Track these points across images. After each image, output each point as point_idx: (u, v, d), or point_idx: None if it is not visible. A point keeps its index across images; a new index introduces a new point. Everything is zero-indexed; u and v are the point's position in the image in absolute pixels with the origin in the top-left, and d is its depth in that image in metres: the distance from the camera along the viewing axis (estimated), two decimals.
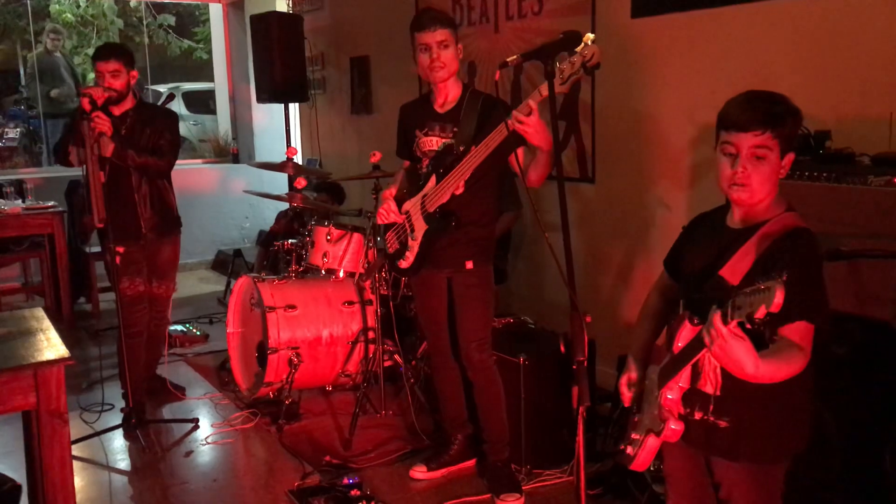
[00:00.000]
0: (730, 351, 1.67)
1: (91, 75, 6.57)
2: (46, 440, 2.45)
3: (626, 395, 2.08)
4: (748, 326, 1.62)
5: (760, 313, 1.54)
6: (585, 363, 1.85)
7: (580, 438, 1.83)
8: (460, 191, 3.02)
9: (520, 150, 2.94)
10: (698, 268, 2.00)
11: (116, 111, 3.84)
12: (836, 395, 2.69)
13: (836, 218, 2.67)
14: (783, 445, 1.98)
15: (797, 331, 1.79)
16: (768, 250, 1.86)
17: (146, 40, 11.37)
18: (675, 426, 1.91)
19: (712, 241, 2.01)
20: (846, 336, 2.66)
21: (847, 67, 3.01)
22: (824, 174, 2.73)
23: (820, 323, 1.81)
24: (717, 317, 1.66)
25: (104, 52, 3.86)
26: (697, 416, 1.95)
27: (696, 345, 1.82)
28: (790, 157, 1.89)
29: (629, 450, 2.04)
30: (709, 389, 1.92)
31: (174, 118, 4.15)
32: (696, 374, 1.96)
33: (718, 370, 1.90)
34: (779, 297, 1.50)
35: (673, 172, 3.80)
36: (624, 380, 2.09)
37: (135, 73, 3.98)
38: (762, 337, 1.80)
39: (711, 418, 1.92)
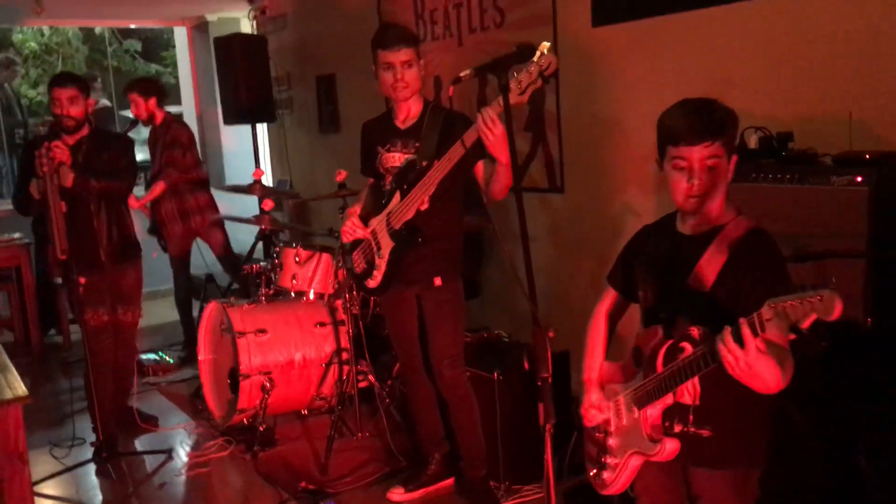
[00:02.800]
0: (757, 368, 1.64)
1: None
2: (6, 482, 2.39)
3: (595, 417, 2.05)
4: (791, 337, 1.56)
5: (808, 322, 1.49)
6: (550, 379, 1.82)
7: (548, 456, 1.79)
8: (425, 206, 2.99)
9: (479, 165, 2.92)
10: (658, 280, 1.98)
11: (71, 140, 3.77)
12: (809, 395, 2.68)
13: (801, 219, 2.66)
14: (759, 447, 1.97)
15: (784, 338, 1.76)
16: (734, 253, 1.85)
17: (112, 65, 11.27)
18: (671, 445, 1.88)
19: (668, 252, 1.98)
20: (817, 337, 2.65)
21: (806, 68, 3.01)
22: (788, 175, 2.72)
23: None
24: (746, 329, 1.60)
25: (62, 79, 3.82)
26: (677, 428, 1.93)
27: (700, 362, 1.77)
28: (734, 159, 1.90)
29: (605, 475, 1.99)
30: (687, 400, 1.90)
31: (129, 142, 4.11)
32: None
33: (696, 379, 1.87)
34: (839, 308, 1.46)
35: (640, 178, 3.78)
36: (587, 405, 2.06)
37: (91, 101, 3.94)
38: None
39: (692, 429, 1.91)
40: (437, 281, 3.14)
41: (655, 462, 1.96)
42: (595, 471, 2.07)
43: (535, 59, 2.26)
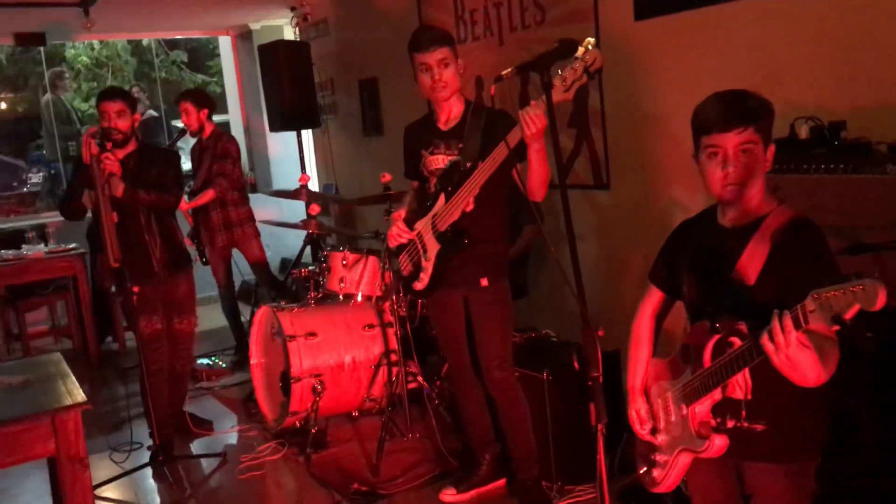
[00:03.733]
0: (798, 360, 1.63)
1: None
2: (68, 485, 2.45)
3: (643, 428, 2.03)
4: (836, 328, 1.53)
5: (851, 313, 1.47)
6: (601, 379, 1.80)
7: (601, 457, 1.77)
8: (470, 207, 2.98)
9: (521, 167, 2.91)
10: (703, 274, 1.95)
11: (120, 154, 3.86)
12: (868, 389, 2.61)
13: (855, 210, 2.59)
14: (816, 439, 1.94)
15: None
16: (779, 244, 1.82)
17: (160, 76, 11.50)
18: (719, 441, 1.85)
19: (710, 246, 1.95)
20: (875, 330, 2.58)
21: (858, 56, 2.93)
22: (841, 165, 2.65)
23: None
24: (788, 321, 1.58)
25: (110, 93, 3.91)
26: (730, 424, 1.90)
27: (746, 356, 1.75)
28: (772, 149, 1.87)
29: (655, 473, 1.97)
30: (738, 395, 1.87)
31: (176, 156, 4.20)
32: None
33: (747, 373, 1.85)
34: (882, 297, 1.43)
35: (687, 173, 3.71)
36: (633, 415, 2.04)
37: (137, 115, 4.04)
38: None
39: (746, 424, 1.88)
40: (484, 282, 3.13)
41: (707, 459, 1.94)
42: (645, 468, 2.05)
43: (579, 55, 2.24)
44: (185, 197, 5.17)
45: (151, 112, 7.86)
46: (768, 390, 1.82)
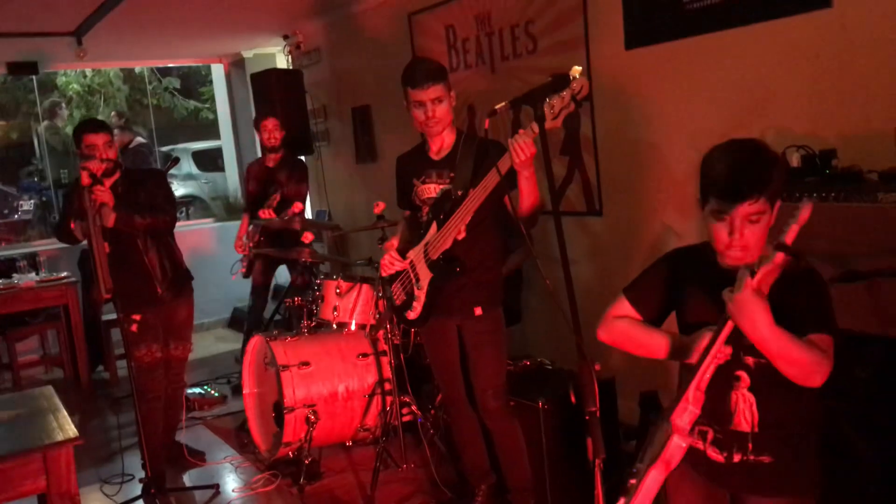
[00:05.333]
0: (749, 306, 1.68)
1: None
2: None
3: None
4: (782, 256, 1.63)
5: (791, 236, 1.61)
6: (598, 413, 1.79)
7: (598, 493, 1.76)
8: (462, 235, 2.98)
9: (514, 193, 2.91)
10: (704, 311, 1.93)
11: (108, 182, 3.84)
12: (864, 418, 2.61)
13: (847, 238, 2.61)
14: (817, 474, 1.93)
15: (821, 341, 1.77)
16: (775, 284, 1.80)
17: (152, 103, 11.53)
18: (679, 440, 1.82)
19: (710, 283, 1.93)
20: (868, 358, 2.59)
21: (849, 85, 2.96)
22: (832, 194, 2.67)
23: (838, 339, 1.81)
24: (746, 274, 1.69)
25: (94, 125, 3.87)
26: (737, 458, 1.91)
27: (718, 328, 1.80)
28: (778, 204, 1.83)
29: (621, 502, 1.93)
30: (745, 427, 1.89)
31: (162, 175, 4.17)
32: (724, 417, 1.91)
33: (755, 406, 1.87)
34: (805, 212, 1.59)
35: (679, 199, 3.74)
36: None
37: (117, 143, 4.03)
38: None
39: (752, 457, 1.89)
40: (478, 310, 3.12)
41: (702, 496, 1.92)
42: (622, 500, 2.02)
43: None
44: (273, 211, 5.11)
45: (140, 139, 7.86)
46: (773, 424, 1.84)
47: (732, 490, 1.97)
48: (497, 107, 2.16)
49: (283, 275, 5.98)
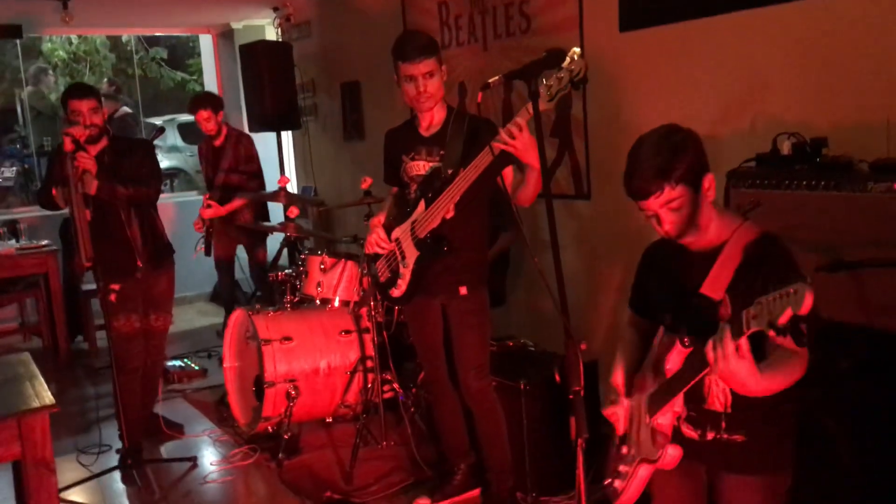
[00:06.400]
0: (735, 370, 1.65)
1: None
2: (33, 490, 2.39)
3: (621, 421, 2.01)
4: (770, 334, 1.57)
5: (785, 318, 1.50)
6: (582, 392, 1.78)
7: (580, 472, 1.76)
8: (450, 214, 2.96)
9: (508, 170, 2.89)
10: (673, 291, 1.95)
11: (93, 150, 3.78)
12: (846, 409, 2.62)
13: (835, 227, 2.60)
14: (789, 452, 1.96)
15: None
16: (744, 260, 1.84)
17: (138, 73, 11.38)
18: (672, 451, 1.86)
19: (680, 265, 1.96)
20: (852, 349, 2.59)
21: (842, 73, 2.95)
22: (822, 182, 2.66)
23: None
24: (727, 335, 1.63)
25: (80, 91, 3.80)
26: (710, 436, 1.92)
27: (696, 366, 1.79)
28: (709, 179, 1.85)
29: (617, 483, 1.97)
30: (718, 407, 1.90)
31: (150, 146, 4.12)
32: (698, 397, 1.91)
33: (728, 388, 1.88)
34: (808, 300, 1.46)
35: None
36: (612, 410, 2.03)
37: (106, 109, 3.96)
38: (761, 346, 1.75)
39: (725, 436, 1.90)
40: (463, 290, 3.11)
41: (678, 474, 1.93)
42: (609, 480, 2.05)
43: (564, 65, 2.22)
44: (211, 200, 5.18)
45: (126, 109, 7.75)
46: (745, 402, 1.83)
47: (707, 466, 1.99)
48: (491, 80, 2.13)
49: (269, 249, 5.93)
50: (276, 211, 6.09)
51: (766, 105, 3.19)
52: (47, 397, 2.42)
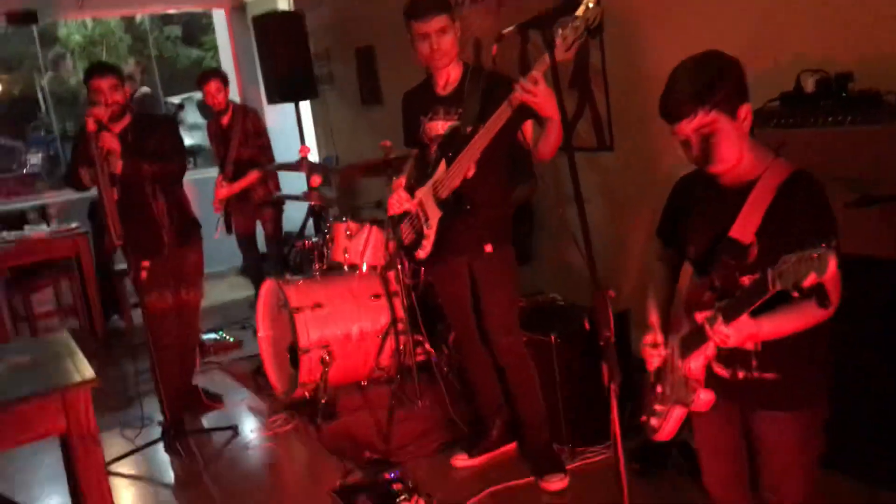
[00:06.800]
0: (734, 342, 1.75)
1: None
2: (80, 462, 2.46)
3: (654, 358, 2.01)
4: (794, 295, 1.57)
5: (809, 282, 1.50)
6: (612, 339, 1.78)
7: (614, 417, 1.77)
8: (471, 173, 2.95)
9: (527, 125, 2.87)
10: (704, 233, 1.94)
11: (116, 128, 3.81)
12: (878, 343, 2.60)
13: (864, 162, 2.56)
14: (823, 387, 1.95)
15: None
16: (775, 202, 1.81)
17: (154, 52, 11.39)
18: (704, 396, 1.87)
19: (711, 204, 1.94)
20: (883, 282, 2.56)
21: (864, 5, 2.87)
22: (849, 118, 2.62)
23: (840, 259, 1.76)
24: (718, 322, 1.75)
25: (100, 69, 3.82)
26: (741, 374, 1.92)
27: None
28: (745, 109, 1.81)
29: (653, 421, 1.99)
30: (749, 346, 1.88)
31: (173, 122, 4.15)
32: None
33: None
34: (832, 266, 1.46)
35: None
36: (649, 340, 2.02)
37: (127, 87, 3.98)
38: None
39: (756, 374, 1.90)
40: (488, 248, 3.11)
41: (714, 411, 1.94)
42: (646, 417, 2.06)
43: (580, 13, 2.20)
44: (220, 178, 5.21)
45: (145, 89, 7.79)
46: (776, 340, 1.83)
47: (740, 405, 1.99)
48: (504, 31, 2.11)
49: (294, 220, 5.96)
50: (291, 183, 6.13)
51: (789, 42, 3.13)
52: (88, 372, 2.48)
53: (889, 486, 2.66)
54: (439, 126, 3.09)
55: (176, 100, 10.90)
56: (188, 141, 10.98)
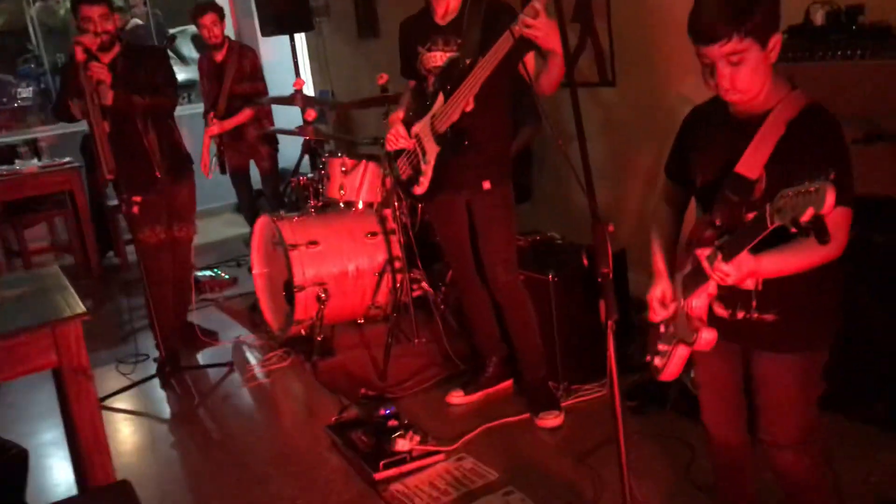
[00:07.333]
0: (734, 280, 1.71)
1: None
2: (73, 396, 2.43)
3: (660, 310, 1.97)
4: (793, 231, 1.50)
5: (807, 216, 1.44)
6: (611, 275, 1.74)
7: (611, 353, 1.74)
8: (470, 107, 2.87)
9: (529, 57, 2.78)
10: (711, 166, 1.87)
11: (106, 59, 3.71)
12: (882, 283, 2.58)
13: (873, 97, 2.49)
14: (826, 331, 1.91)
15: (833, 218, 1.66)
16: (786, 135, 1.74)
17: None
18: (707, 335, 1.83)
19: (719, 137, 1.87)
20: (888, 222, 2.52)
21: None
22: (858, 51, 2.54)
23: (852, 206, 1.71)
24: (718, 262, 1.70)
25: None
26: (740, 315, 1.89)
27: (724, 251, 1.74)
28: (776, 39, 1.72)
29: (657, 361, 1.97)
30: (749, 286, 1.83)
31: (164, 53, 4.03)
32: None
33: None
34: (830, 199, 1.40)
35: (697, 66, 3.57)
36: (655, 293, 1.98)
37: (117, 16, 3.86)
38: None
39: (756, 315, 1.86)
40: (487, 185, 3.05)
41: (715, 349, 1.91)
42: (650, 357, 2.04)
43: None
44: (212, 116, 5.06)
45: (136, 21, 7.58)
46: (778, 281, 1.78)
47: (740, 344, 1.97)
48: None
49: (289, 156, 5.87)
50: (285, 118, 6.02)
51: None
52: (79, 307, 2.44)
53: (889, 426, 2.67)
54: (438, 57, 3.00)
55: (169, 31, 10.63)
56: (181, 76, 10.76)
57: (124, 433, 3.66)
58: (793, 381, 1.92)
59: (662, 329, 1.99)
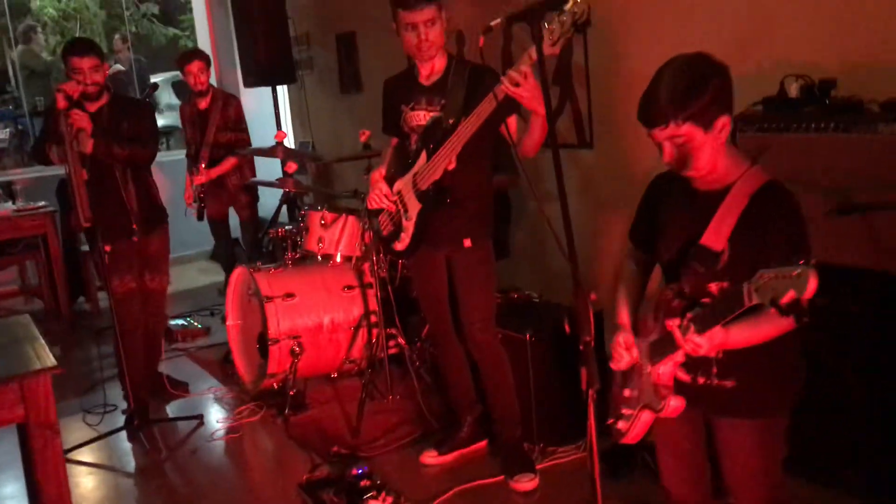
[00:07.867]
0: (705, 351, 1.75)
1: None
2: (38, 451, 2.38)
3: (624, 357, 1.98)
4: (772, 311, 1.54)
5: (788, 298, 1.47)
6: (592, 343, 1.75)
7: (591, 423, 1.73)
8: (452, 165, 2.90)
9: (511, 120, 2.82)
10: (675, 238, 1.92)
11: (92, 108, 3.71)
12: (855, 353, 2.60)
13: (845, 169, 2.56)
14: (785, 396, 1.94)
15: None
16: (748, 209, 1.79)
17: (130, 30, 11.17)
18: (675, 402, 1.85)
19: (683, 208, 1.92)
20: (862, 292, 2.56)
21: (849, 12, 2.86)
22: (831, 124, 2.61)
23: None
24: (690, 332, 1.73)
25: (82, 48, 3.71)
26: (701, 380, 1.91)
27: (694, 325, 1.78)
28: (723, 121, 1.77)
29: (620, 424, 1.98)
30: (711, 353, 1.84)
31: (149, 107, 4.07)
32: None
33: None
34: (812, 285, 1.44)
35: None
36: (621, 340, 1.99)
37: (107, 66, 3.87)
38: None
39: (716, 381, 1.89)
40: (467, 242, 3.06)
41: (677, 418, 1.92)
42: (613, 420, 2.04)
43: (567, 6, 2.15)
44: (202, 166, 5.05)
45: (119, 66, 7.61)
46: (740, 350, 1.81)
47: (702, 410, 1.98)
48: (492, 23, 2.06)
49: (268, 206, 5.87)
50: (266, 169, 6.03)
51: (774, 47, 3.11)
52: (49, 359, 2.39)
53: (859, 493, 2.67)
54: (421, 116, 3.03)
55: (155, 79, 10.69)
56: (162, 122, 10.78)
57: (87, 487, 3.56)
58: (754, 447, 1.94)
59: (627, 393, 1.99)
